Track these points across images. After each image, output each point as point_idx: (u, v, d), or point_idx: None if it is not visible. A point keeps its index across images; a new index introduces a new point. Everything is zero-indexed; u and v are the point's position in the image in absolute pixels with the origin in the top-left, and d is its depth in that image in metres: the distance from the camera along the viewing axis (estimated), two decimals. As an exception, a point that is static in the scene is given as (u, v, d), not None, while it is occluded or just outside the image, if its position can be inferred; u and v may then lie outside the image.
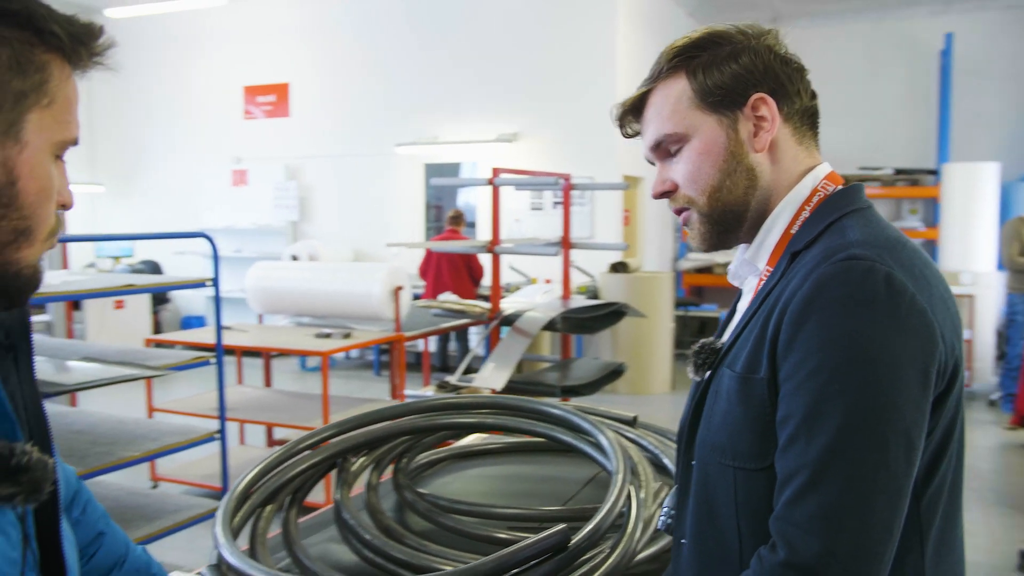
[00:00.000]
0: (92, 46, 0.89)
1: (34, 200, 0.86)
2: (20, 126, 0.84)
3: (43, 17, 0.84)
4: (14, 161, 0.83)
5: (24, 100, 0.84)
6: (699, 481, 1.15)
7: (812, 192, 1.15)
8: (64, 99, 0.88)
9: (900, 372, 0.97)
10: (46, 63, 0.85)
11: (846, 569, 0.94)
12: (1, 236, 0.85)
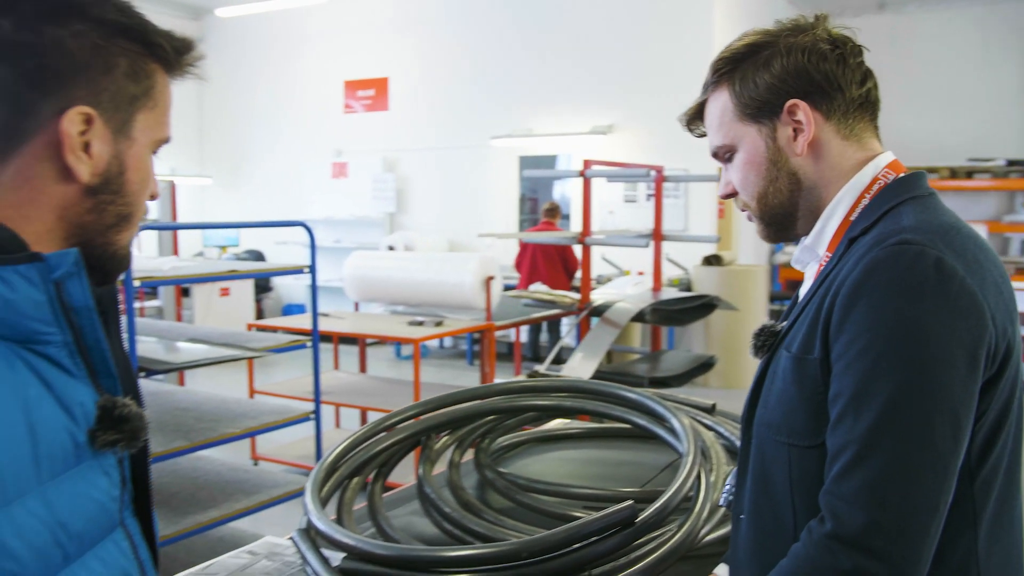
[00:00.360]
0: (188, 57, 1.00)
1: (136, 189, 0.97)
2: (131, 125, 0.95)
3: (152, 32, 0.95)
4: (124, 155, 0.95)
5: (135, 103, 0.95)
6: (756, 458, 1.18)
7: (872, 180, 1.16)
8: (164, 103, 0.99)
9: (948, 352, 0.98)
10: (153, 71, 0.97)
11: (890, 542, 0.97)
12: (107, 219, 0.96)
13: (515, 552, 1.49)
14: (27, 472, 0.82)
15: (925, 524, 0.98)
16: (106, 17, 0.91)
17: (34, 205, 0.90)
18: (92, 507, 0.90)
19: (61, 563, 0.86)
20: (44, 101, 0.89)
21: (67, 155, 0.89)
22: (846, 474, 1.00)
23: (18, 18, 0.87)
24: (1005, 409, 1.07)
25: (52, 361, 0.88)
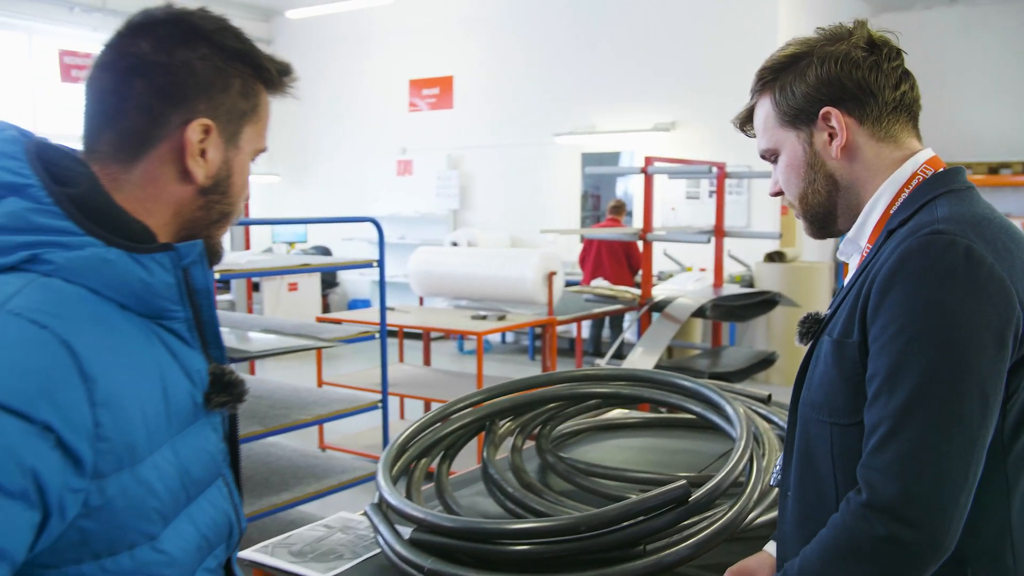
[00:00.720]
0: (288, 79, 1.15)
1: (237, 192, 1.12)
2: (239, 136, 1.09)
3: (261, 57, 1.10)
4: (232, 161, 1.09)
5: (244, 117, 1.09)
6: (801, 437, 1.26)
7: (912, 176, 1.23)
8: (266, 118, 1.14)
9: (976, 333, 1.05)
10: (259, 91, 1.11)
11: (922, 510, 1.04)
12: (212, 216, 1.10)
13: (574, 526, 1.58)
14: (162, 428, 0.98)
15: (955, 494, 1.05)
16: (227, 43, 1.06)
17: (156, 201, 1.05)
18: (205, 457, 1.06)
19: (185, 503, 1.03)
20: (172, 112, 1.03)
21: (188, 160, 1.04)
22: (881, 448, 1.07)
23: (156, 41, 1.02)
24: None
25: (175, 334, 1.04)
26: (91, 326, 0.92)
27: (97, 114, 1.05)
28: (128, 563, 0.94)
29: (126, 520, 0.93)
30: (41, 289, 0.91)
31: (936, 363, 1.05)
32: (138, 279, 0.97)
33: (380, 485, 1.86)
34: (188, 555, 1.02)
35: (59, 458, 0.85)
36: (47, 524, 0.86)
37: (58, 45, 10.39)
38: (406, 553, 1.66)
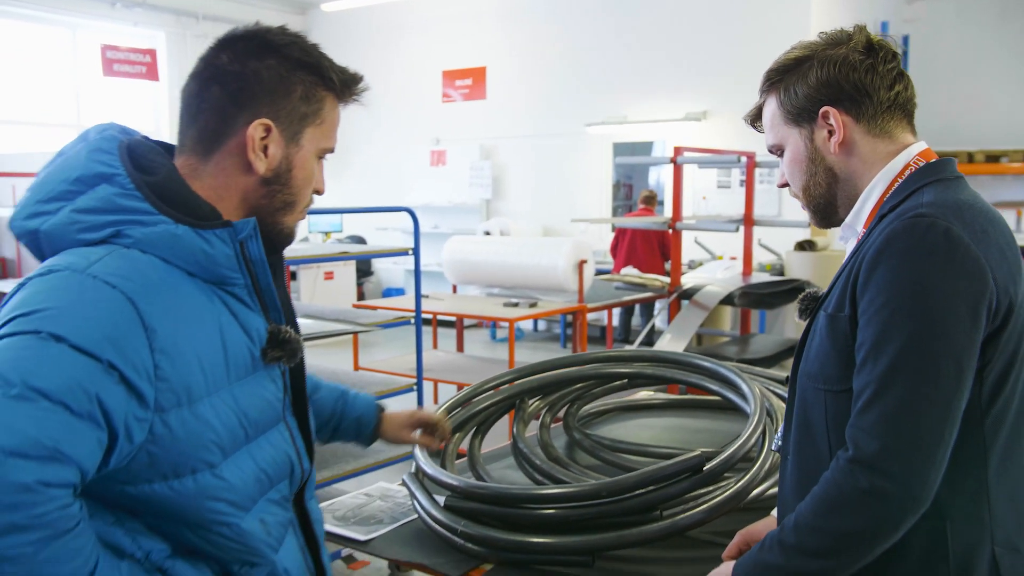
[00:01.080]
0: (355, 89, 1.31)
1: (299, 184, 1.27)
2: (301, 135, 1.25)
3: (326, 68, 1.26)
4: (293, 157, 1.25)
5: (306, 119, 1.25)
6: (799, 406, 1.37)
7: (904, 167, 1.34)
8: (331, 121, 1.29)
9: (952, 307, 1.16)
10: (323, 97, 1.27)
11: (901, 464, 1.15)
12: (275, 204, 1.26)
13: (596, 491, 1.71)
14: (221, 374, 1.17)
15: (931, 450, 1.16)
16: (292, 55, 1.23)
17: (226, 189, 1.23)
18: (263, 403, 1.24)
19: (244, 440, 1.21)
20: (239, 113, 1.21)
21: (249, 154, 1.21)
22: (865, 409, 1.19)
23: (233, 53, 1.21)
24: (1012, 358, 1.23)
25: (237, 298, 1.22)
26: (156, 288, 1.11)
27: (184, 115, 1.24)
28: (191, 485, 1.12)
29: (186, 448, 1.11)
30: (119, 257, 1.11)
31: (915, 333, 1.16)
32: (201, 250, 1.15)
33: (417, 456, 2.00)
34: (247, 485, 1.19)
35: (123, 392, 1.04)
36: (115, 445, 1.04)
37: (100, 40, 10.65)
38: (441, 517, 1.80)
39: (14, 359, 0.99)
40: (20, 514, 0.94)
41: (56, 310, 1.03)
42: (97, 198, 1.14)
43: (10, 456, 0.93)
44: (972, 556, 1.24)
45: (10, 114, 10.24)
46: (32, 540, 0.95)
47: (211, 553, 1.18)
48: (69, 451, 0.98)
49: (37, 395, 0.97)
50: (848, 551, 1.21)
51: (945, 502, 1.22)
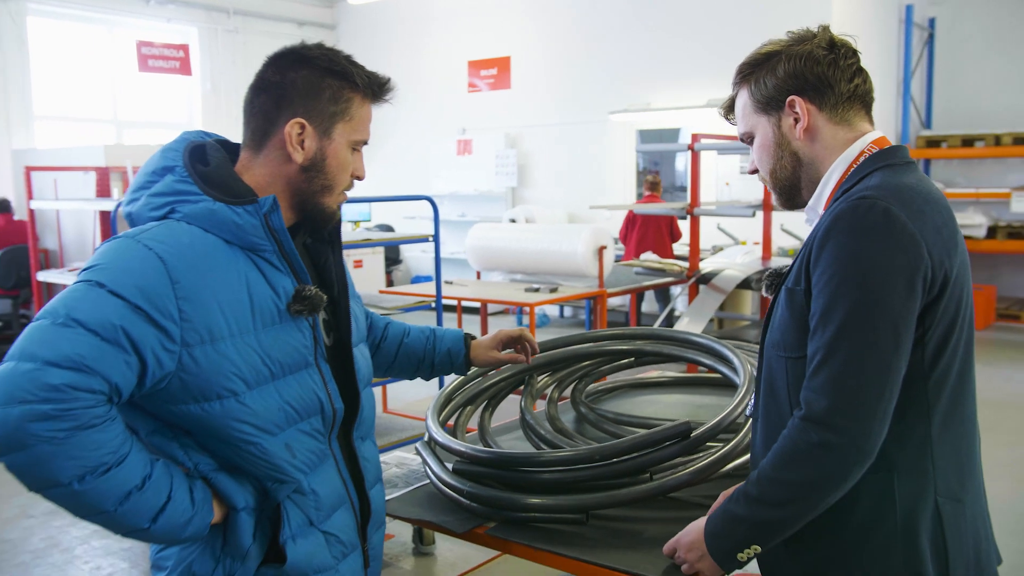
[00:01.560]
0: (381, 90, 1.57)
1: (334, 170, 1.52)
2: (332, 130, 1.51)
3: (352, 73, 1.51)
4: (326, 149, 1.50)
5: (335, 117, 1.50)
6: (766, 372, 1.51)
7: (860, 153, 1.47)
8: (360, 118, 1.54)
9: (889, 279, 1.29)
10: (351, 98, 1.52)
11: (846, 419, 1.29)
12: (314, 187, 1.52)
13: (590, 455, 1.87)
14: (246, 321, 1.41)
15: (873, 407, 1.29)
16: (321, 65, 1.49)
17: (274, 177, 1.50)
18: (289, 348, 1.46)
19: (269, 377, 1.43)
20: (280, 115, 1.48)
21: (288, 147, 1.48)
22: (815, 372, 1.33)
23: (276, 68, 1.50)
24: (951, 325, 1.36)
25: (267, 261, 1.46)
26: (186, 250, 1.36)
27: (243, 119, 1.53)
28: (219, 408, 1.37)
29: (210, 377, 1.36)
30: (164, 228, 1.39)
31: (857, 303, 1.30)
32: (232, 222, 1.41)
33: (429, 426, 2.16)
34: (270, 413, 1.42)
35: (150, 328, 1.30)
36: (147, 368, 1.30)
37: (136, 36, 10.92)
38: (450, 480, 1.96)
39: (66, 298, 1.29)
40: (51, 407, 1.20)
41: (104, 265, 1.32)
42: (163, 185, 1.44)
43: (47, 364, 1.22)
44: (917, 505, 1.38)
45: (51, 110, 10.55)
46: (62, 428, 1.21)
47: (247, 469, 1.42)
48: (94, 365, 1.24)
49: (76, 324, 1.25)
50: (803, 500, 1.35)
51: (892, 456, 1.36)
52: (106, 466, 1.26)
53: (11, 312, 8.88)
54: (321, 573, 1.50)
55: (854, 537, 1.40)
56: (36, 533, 4.43)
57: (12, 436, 1.20)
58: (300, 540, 1.47)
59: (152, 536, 1.35)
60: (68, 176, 8.44)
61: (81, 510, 1.28)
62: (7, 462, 1.23)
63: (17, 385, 1.20)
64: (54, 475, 1.22)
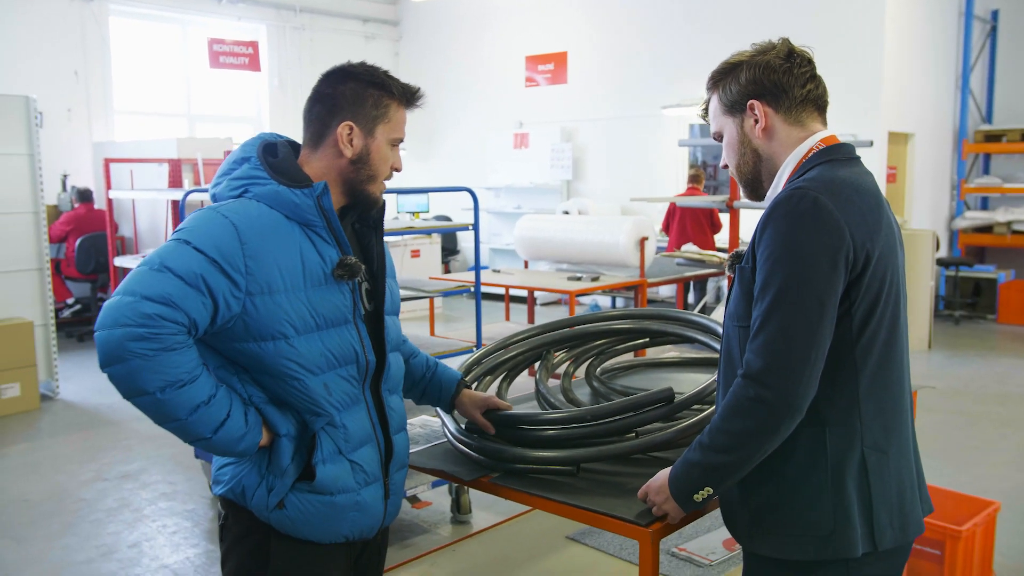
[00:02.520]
0: (413, 98, 1.88)
1: (376, 163, 1.85)
2: (374, 131, 1.83)
3: (389, 84, 1.83)
4: (370, 146, 1.83)
5: (377, 120, 1.83)
6: (725, 341, 1.73)
7: (809, 150, 1.67)
8: (396, 120, 1.86)
9: (815, 258, 1.50)
10: (389, 104, 1.84)
11: (777, 378, 1.50)
12: (361, 177, 1.84)
13: (582, 416, 2.11)
14: (298, 279, 1.74)
15: (800, 368, 1.50)
16: (364, 79, 1.83)
17: (329, 169, 1.84)
18: (332, 306, 1.78)
19: (314, 327, 1.75)
20: (333, 120, 1.82)
21: (341, 144, 1.82)
22: (755, 337, 1.54)
23: (328, 83, 1.84)
24: (876, 299, 1.56)
25: (318, 235, 1.78)
26: (254, 220, 1.71)
27: (303, 123, 1.87)
28: (272, 348, 1.71)
29: (267, 322, 1.69)
30: (238, 203, 1.74)
31: (787, 279, 1.51)
32: (292, 201, 1.75)
33: (448, 391, 2.41)
34: (313, 356, 1.74)
35: (223, 278, 1.64)
36: (218, 309, 1.64)
37: (208, 34, 11.43)
38: (461, 436, 2.22)
39: (161, 252, 1.64)
40: (145, 330, 1.56)
41: (191, 228, 1.68)
42: (241, 171, 1.80)
43: (143, 298, 1.58)
44: (845, 455, 1.59)
45: (128, 105, 11.11)
46: (151, 348, 1.56)
47: (291, 402, 1.75)
48: (179, 303, 1.59)
49: (167, 270, 1.61)
50: (744, 447, 1.57)
51: (824, 412, 1.58)
52: (182, 382, 1.60)
53: (90, 295, 9.42)
54: (344, 493, 1.81)
55: (791, 483, 1.61)
56: (110, 495, 4.83)
57: (115, 351, 1.56)
58: (329, 464, 1.79)
59: (213, 445, 1.68)
60: (143, 167, 8.93)
61: (160, 417, 1.62)
62: (109, 372, 1.59)
63: (121, 312, 1.56)
64: (142, 385, 1.57)
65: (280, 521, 1.78)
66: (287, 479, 1.77)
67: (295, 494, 1.78)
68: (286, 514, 1.78)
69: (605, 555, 2.78)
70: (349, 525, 1.84)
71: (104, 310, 1.59)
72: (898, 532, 1.62)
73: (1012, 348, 8.40)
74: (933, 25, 9.85)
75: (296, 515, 1.78)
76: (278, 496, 1.77)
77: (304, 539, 1.81)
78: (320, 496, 1.79)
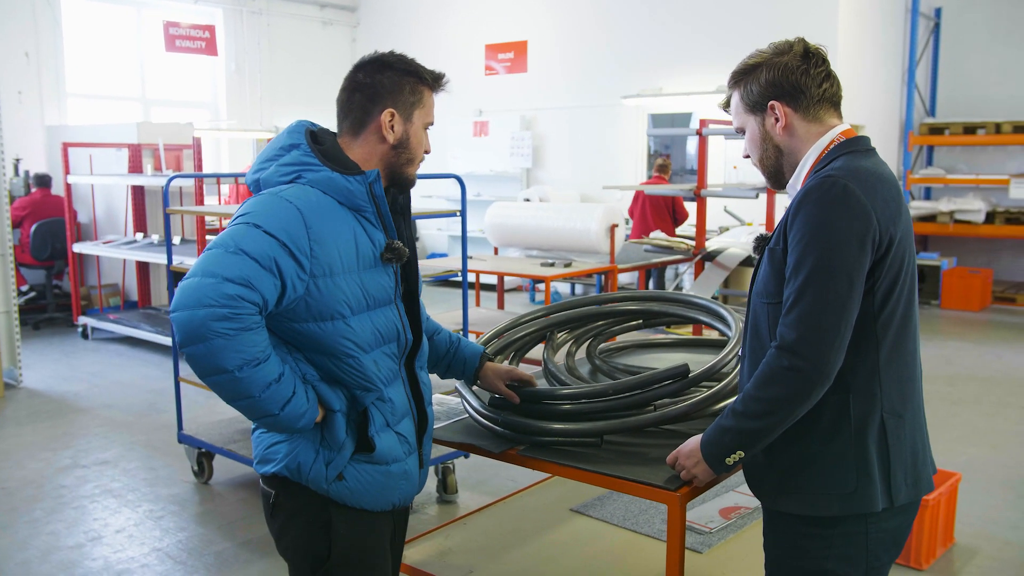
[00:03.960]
0: (439, 82, 1.98)
1: (415, 147, 1.95)
2: (412, 116, 1.93)
3: (423, 72, 1.94)
4: (409, 131, 1.93)
5: (414, 106, 1.93)
6: (752, 317, 1.87)
7: (830, 142, 1.81)
8: (429, 105, 1.97)
9: (845, 239, 1.64)
10: (422, 90, 1.94)
11: (810, 348, 1.64)
12: (401, 160, 1.94)
13: (603, 390, 2.24)
14: (353, 262, 1.84)
15: (831, 339, 1.64)
16: (400, 68, 1.92)
17: (371, 154, 1.93)
18: (379, 287, 1.89)
19: (366, 307, 1.87)
20: (374, 108, 1.91)
21: (384, 131, 1.91)
22: (788, 312, 1.68)
23: (365, 73, 1.93)
24: (896, 278, 1.71)
25: (368, 220, 1.88)
26: (314, 205, 1.79)
27: (340, 113, 1.94)
28: (331, 328, 1.81)
29: (328, 302, 1.79)
30: (297, 188, 1.82)
31: (819, 258, 1.65)
32: (345, 188, 1.84)
33: (466, 370, 2.52)
34: (366, 334, 1.86)
35: (291, 260, 1.72)
36: (286, 290, 1.72)
37: (163, 17, 11.26)
38: (487, 411, 2.33)
39: (233, 234, 1.72)
40: (228, 310, 1.64)
41: (258, 212, 1.75)
42: (291, 157, 1.86)
43: (226, 280, 1.65)
44: (867, 419, 1.74)
45: (82, 88, 10.91)
46: (233, 327, 1.65)
47: (343, 380, 1.85)
48: (256, 284, 1.68)
49: (242, 253, 1.69)
50: (776, 413, 1.71)
51: (848, 380, 1.72)
52: (258, 360, 1.68)
53: (44, 282, 9.26)
54: (396, 462, 1.94)
55: (817, 446, 1.76)
56: (90, 481, 4.83)
57: (197, 331, 1.63)
58: (383, 435, 1.91)
59: (278, 421, 1.76)
60: (102, 152, 8.80)
61: (234, 394, 1.70)
62: (189, 351, 1.66)
63: (203, 293, 1.64)
64: (223, 363, 1.65)
65: (339, 492, 1.88)
66: (346, 451, 1.87)
67: (353, 465, 1.88)
68: (346, 485, 1.88)
69: (610, 525, 2.92)
70: (399, 493, 1.97)
71: (183, 291, 1.65)
72: (912, 489, 1.78)
73: (956, 332, 8.77)
74: (882, 21, 10.18)
75: (355, 485, 1.89)
76: (337, 468, 1.86)
77: (360, 508, 1.91)
78: (377, 466, 1.90)
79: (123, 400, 6.47)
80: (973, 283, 9.90)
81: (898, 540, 1.81)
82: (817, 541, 1.77)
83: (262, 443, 1.94)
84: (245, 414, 1.77)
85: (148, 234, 8.60)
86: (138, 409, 6.22)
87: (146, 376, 7.19)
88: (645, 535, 2.84)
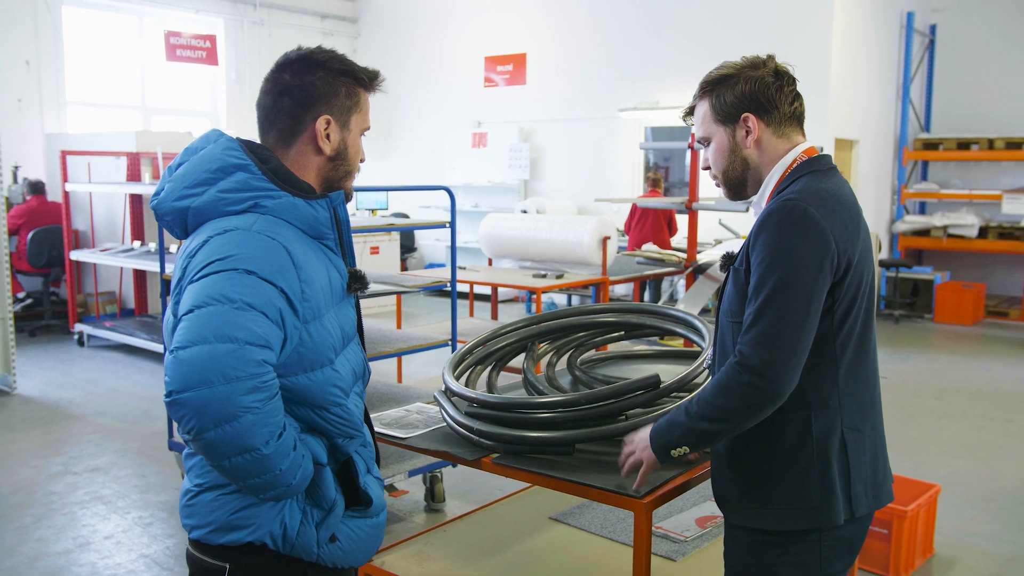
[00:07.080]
0: (375, 82, 1.74)
1: (353, 157, 1.73)
2: (349, 122, 1.71)
3: (359, 71, 1.71)
4: (346, 139, 1.71)
5: (350, 110, 1.70)
6: (720, 334, 1.90)
7: (793, 161, 1.85)
8: (366, 108, 1.74)
9: (804, 262, 1.68)
10: (359, 92, 1.72)
11: (767, 367, 1.67)
12: (339, 174, 1.72)
13: (576, 400, 2.27)
14: (329, 299, 1.64)
15: (787, 359, 1.67)
16: (334, 67, 1.68)
17: (305, 168, 1.69)
18: (349, 321, 1.73)
19: (343, 346, 1.68)
20: (306, 115, 1.66)
21: (319, 140, 1.67)
22: (747, 330, 1.72)
23: (292, 73, 1.66)
24: (853, 299, 1.75)
25: (329, 248, 1.70)
26: (293, 240, 1.58)
27: (264, 120, 1.70)
28: (320, 376, 1.60)
29: (319, 348, 1.58)
30: (265, 220, 1.57)
31: (779, 280, 1.69)
32: (311, 215, 1.64)
33: (446, 379, 2.57)
34: (348, 376, 1.67)
35: (288, 307, 1.51)
36: (285, 343, 1.51)
37: (164, 26, 11.36)
38: (463, 420, 2.37)
39: (228, 286, 1.45)
40: (257, 381, 1.41)
41: (243, 255, 1.49)
42: (236, 181, 1.59)
43: (247, 344, 1.41)
44: (828, 435, 1.77)
45: (83, 97, 10.99)
46: (263, 398, 1.42)
47: (327, 430, 1.63)
48: (271, 342, 1.46)
49: (249, 308, 1.44)
50: (728, 421, 1.74)
51: (809, 398, 1.76)
52: (281, 429, 1.47)
53: (41, 290, 9.31)
54: (384, 510, 1.78)
55: (781, 461, 1.79)
56: (80, 487, 4.86)
57: (225, 410, 1.36)
58: (370, 484, 1.73)
59: (290, 490, 1.52)
60: (100, 160, 8.87)
61: (254, 472, 1.44)
62: (212, 436, 1.38)
63: (226, 364, 1.37)
64: (251, 442, 1.41)
65: (331, 555, 1.66)
66: (338, 509, 1.65)
67: (346, 523, 1.68)
68: (339, 546, 1.66)
69: (587, 533, 2.96)
70: (380, 542, 1.80)
71: (190, 365, 1.38)
72: (872, 500, 1.82)
73: (947, 346, 8.80)
74: (877, 37, 10.25)
75: (348, 544, 1.68)
76: (330, 529, 1.64)
77: (343, 568, 1.71)
78: (370, 520, 1.73)
79: (117, 407, 6.51)
80: (966, 297, 9.94)
81: (852, 548, 1.85)
82: (772, 548, 1.81)
83: (223, 507, 1.59)
84: (252, 491, 1.52)
85: (146, 242, 8.65)
86: (131, 416, 6.26)
87: (141, 384, 7.23)
88: (621, 543, 2.88)
